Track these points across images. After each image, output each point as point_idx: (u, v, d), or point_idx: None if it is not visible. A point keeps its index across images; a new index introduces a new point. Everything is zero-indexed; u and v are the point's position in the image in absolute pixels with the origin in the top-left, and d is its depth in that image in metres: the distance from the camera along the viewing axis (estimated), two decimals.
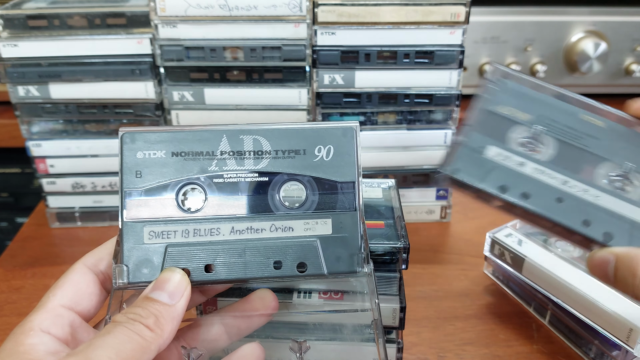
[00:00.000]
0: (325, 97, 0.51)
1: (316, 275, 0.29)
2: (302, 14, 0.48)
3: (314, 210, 0.30)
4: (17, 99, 0.52)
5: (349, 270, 0.29)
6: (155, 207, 0.29)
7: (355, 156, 0.31)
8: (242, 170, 0.30)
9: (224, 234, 0.29)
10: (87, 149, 0.54)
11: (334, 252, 0.30)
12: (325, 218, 0.30)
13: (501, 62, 0.74)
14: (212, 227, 0.29)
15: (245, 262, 0.29)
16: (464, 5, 0.48)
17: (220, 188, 0.30)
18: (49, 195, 0.56)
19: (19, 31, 0.50)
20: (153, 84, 0.51)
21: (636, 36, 0.72)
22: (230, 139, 0.30)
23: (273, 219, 0.30)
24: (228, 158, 0.30)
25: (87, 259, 0.31)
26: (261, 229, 0.30)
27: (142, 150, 0.30)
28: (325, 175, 0.30)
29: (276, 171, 0.30)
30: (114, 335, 0.25)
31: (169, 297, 0.27)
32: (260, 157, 0.30)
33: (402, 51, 0.50)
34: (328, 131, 0.31)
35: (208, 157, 0.30)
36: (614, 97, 0.81)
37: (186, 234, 0.29)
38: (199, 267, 0.29)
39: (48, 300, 0.28)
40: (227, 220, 0.30)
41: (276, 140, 0.30)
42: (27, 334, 0.26)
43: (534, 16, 0.72)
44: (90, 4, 0.51)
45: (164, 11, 0.48)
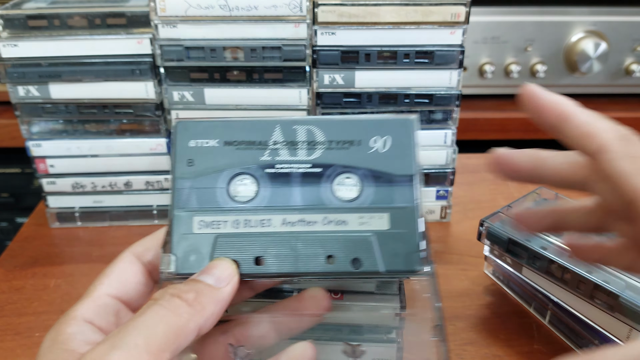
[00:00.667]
0: (325, 97, 0.51)
1: (372, 273, 0.28)
2: (302, 14, 0.48)
3: (370, 204, 0.28)
4: (17, 99, 0.52)
5: (408, 269, 0.27)
6: (205, 196, 0.29)
7: (413, 149, 0.29)
8: (294, 160, 0.29)
9: (275, 225, 0.28)
10: (87, 149, 0.54)
11: (391, 248, 0.27)
12: (381, 212, 0.28)
13: (501, 62, 0.74)
14: (263, 218, 0.28)
15: (297, 255, 0.28)
16: (464, 6, 0.48)
17: (272, 178, 0.29)
18: (49, 195, 0.56)
19: (19, 31, 0.50)
20: (153, 84, 0.51)
21: (636, 36, 0.72)
22: (284, 129, 0.29)
23: (326, 211, 0.28)
24: (281, 148, 0.29)
25: (135, 248, 0.30)
26: (313, 222, 0.28)
27: (194, 138, 0.29)
28: (381, 168, 0.29)
29: (330, 162, 0.29)
30: (145, 318, 0.24)
31: (215, 281, 0.26)
32: (313, 148, 0.29)
33: (402, 51, 0.50)
34: (385, 122, 0.29)
35: (261, 147, 0.29)
36: (614, 97, 0.81)
37: (236, 225, 0.28)
38: (248, 259, 0.28)
39: (94, 289, 0.27)
40: (278, 212, 0.28)
41: (330, 130, 0.29)
42: (68, 322, 0.26)
43: (534, 16, 0.72)
44: (91, 4, 0.51)
45: (164, 11, 0.48)
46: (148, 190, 0.57)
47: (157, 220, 0.58)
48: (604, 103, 0.80)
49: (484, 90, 0.77)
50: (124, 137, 0.54)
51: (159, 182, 0.56)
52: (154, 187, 0.56)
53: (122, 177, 0.56)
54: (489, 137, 0.78)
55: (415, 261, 0.27)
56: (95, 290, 0.27)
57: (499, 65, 0.74)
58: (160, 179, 0.56)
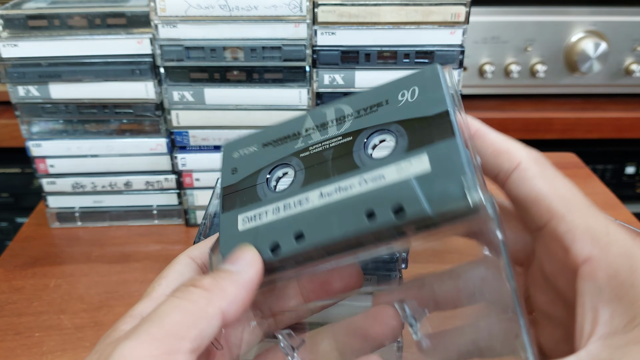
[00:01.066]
0: (325, 97, 0.51)
1: (420, 219, 0.24)
2: (302, 14, 0.48)
3: (405, 150, 0.26)
4: (17, 99, 0.52)
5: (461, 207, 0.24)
6: (248, 195, 0.29)
7: (443, 88, 0.27)
8: (326, 138, 0.28)
9: (312, 201, 0.27)
10: (87, 149, 0.54)
11: (436, 187, 0.24)
12: (419, 155, 0.25)
13: (501, 63, 0.74)
14: (300, 198, 0.27)
15: (336, 221, 0.26)
16: (464, 6, 0.48)
17: (306, 160, 0.28)
18: (49, 195, 0.56)
19: (19, 31, 0.50)
20: (153, 84, 0.51)
21: (636, 36, 0.73)
22: (314, 116, 0.29)
23: (361, 172, 0.26)
24: (313, 132, 0.29)
25: (192, 251, 0.29)
26: (349, 186, 0.26)
27: (237, 150, 0.30)
28: (412, 115, 0.27)
29: (360, 128, 0.28)
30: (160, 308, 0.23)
31: (234, 266, 0.26)
32: (342, 122, 0.28)
33: (402, 51, 0.50)
34: (409, 77, 0.28)
35: (295, 138, 0.29)
36: (614, 97, 0.81)
37: (276, 212, 0.28)
38: (289, 238, 0.26)
39: (153, 290, 0.27)
40: (314, 187, 0.27)
41: (357, 102, 0.28)
42: (125, 320, 0.25)
43: (534, 16, 0.72)
44: (91, 4, 0.51)
45: (164, 11, 0.48)
46: (148, 190, 0.57)
47: (157, 220, 0.58)
48: (604, 103, 0.80)
49: (484, 90, 0.77)
50: (124, 137, 0.54)
51: (159, 182, 0.56)
52: (154, 187, 0.56)
53: (122, 177, 0.56)
54: None
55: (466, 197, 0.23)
56: (154, 291, 0.27)
57: (499, 65, 0.74)
58: (160, 179, 0.56)
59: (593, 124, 0.77)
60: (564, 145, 0.77)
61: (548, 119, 0.76)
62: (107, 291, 0.49)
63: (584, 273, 0.22)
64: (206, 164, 0.55)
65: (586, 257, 0.22)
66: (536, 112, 0.77)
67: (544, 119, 0.77)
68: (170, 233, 0.57)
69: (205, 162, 0.54)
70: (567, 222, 0.23)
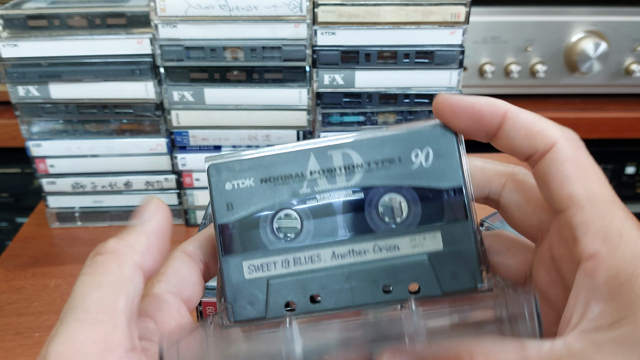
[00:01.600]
0: (325, 97, 0.51)
1: (431, 297, 0.26)
2: (302, 14, 0.48)
3: (419, 223, 0.27)
4: (17, 99, 0.52)
5: (469, 287, 0.26)
6: (251, 239, 0.28)
7: (458, 157, 0.27)
8: (334, 188, 0.27)
9: (325, 260, 0.27)
10: (87, 149, 0.54)
11: (448, 268, 0.26)
12: (433, 231, 0.27)
13: (501, 63, 0.74)
14: (311, 254, 0.27)
15: (352, 288, 0.27)
16: (464, 6, 0.48)
17: (315, 211, 0.27)
18: (49, 195, 0.56)
19: (19, 31, 0.50)
20: (153, 84, 0.51)
21: (636, 36, 0.72)
22: (318, 156, 0.28)
23: (375, 238, 0.27)
24: (319, 177, 0.28)
25: (186, 247, 0.29)
26: (364, 251, 0.27)
27: (230, 180, 0.28)
28: (427, 183, 0.27)
29: (371, 184, 0.27)
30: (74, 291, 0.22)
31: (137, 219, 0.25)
32: (352, 172, 0.28)
33: (402, 51, 0.50)
34: (423, 132, 0.27)
35: (298, 179, 0.28)
36: (614, 97, 0.81)
37: (286, 264, 0.27)
38: (304, 298, 0.27)
39: (152, 287, 0.26)
40: (326, 245, 0.27)
41: (366, 150, 0.27)
42: None
43: (534, 16, 0.72)
44: (91, 4, 0.51)
45: (164, 11, 0.48)
46: (148, 190, 0.57)
47: None
48: (604, 103, 0.80)
49: (484, 91, 0.76)
50: (124, 137, 0.54)
51: (159, 182, 0.56)
52: (153, 187, 0.56)
53: (122, 177, 0.56)
54: None
55: (476, 278, 0.26)
56: (154, 287, 0.26)
57: (499, 65, 0.74)
58: (160, 179, 0.56)
59: (593, 124, 0.77)
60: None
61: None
62: None
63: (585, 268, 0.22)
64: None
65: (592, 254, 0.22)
66: (536, 112, 0.77)
67: None
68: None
69: None
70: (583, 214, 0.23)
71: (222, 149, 0.55)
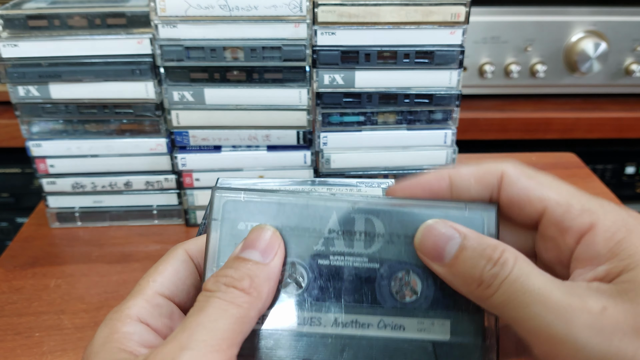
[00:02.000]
0: (325, 97, 0.51)
1: None
2: (302, 14, 0.48)
3: (429, 307, 0.26)
4: (17, 99, 0.52)
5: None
6: None
7: None
8: (350, 252, 0.26)
9: (325, 325, 0.25)
10: (87, 149, 0.54)
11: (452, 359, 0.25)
12: (443, 319, 0.25)
13: (501, 62, 0.74)
14: (312, 316, 0.26)
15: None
16: (464, 6, 0.48)
17: (324, 270, 0.26)
18: (49, 195, 0.56)
19: (19, 31, 0.50)
20: (153, 84, 0.51)
21: (636, 36, 0.73)
22: (341, 216, 0.26)
23: (382, 313, 0.26)
24: (336, 238, 0.26)
25: (189, 245, 0.28)
26: (367, 324, 0.25)
27: (244, 221, 0.26)
28: None
29: (388, 258, 0.26)
30: (208, 313, 0.23)
31: (261, 255, 0.25)
32: (372, 240, 0.26)
33: (402, 51, 0.50)
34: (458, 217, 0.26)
35: (315, 235, 0.26)
36: (614, 97, 0.81)
37: (282, 320, 0.26)
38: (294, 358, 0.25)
39: (147, 286, 0.26)
40: (330, 310, 0.26)
41: (393, 222, 0.26)
42: (123, 321, 0.25)
43: (534, 16, 0.72)
44: (91, 4, 0.51)
45: (164, 11, 0.48)
46: (148, 190, 0.57)
47: (157, 220, 0.58)
48: (603, 103, 0.80)
49: (483, 90, 0.77)
50: (124, 137, 0.54)
51: (159, 182, 0.56)
52: (153, 187, 0.56)
53: (122, 177, 0.56)
54: (489, 137, 0.78)
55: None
56: (148, 287, 0.26)
57: (499, 65, 0.74)
58: (160, 179, 0.56)
59: (593, 124, 0.77)
60: (563, 145, 0.77)
61: (548, 119, 0.76)
62: (107, 291, 0.49)
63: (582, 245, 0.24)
64: (206, 164, 0.55)
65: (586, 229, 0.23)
66: (536, 112, 0.77)
67: (543, 119, 0.77)
68: (170, 233, 0.57)
69: (205, 162, 0.54)
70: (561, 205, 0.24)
71: (222, 149, 0.55)
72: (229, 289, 0.24)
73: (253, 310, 0.24)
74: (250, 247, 0.25)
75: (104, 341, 0.24)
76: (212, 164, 0.55)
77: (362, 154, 0.54)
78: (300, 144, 0.54)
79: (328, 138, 0.53)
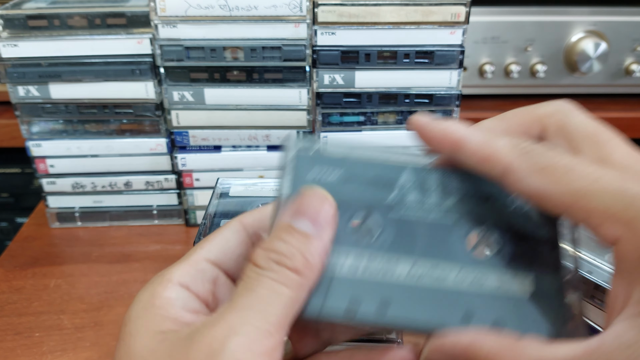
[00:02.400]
0: (325, 97, 0.51)
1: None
2: (302, 14, 0.48)
3: (507, 263, 0.25)
4: (17, 99, 0.52)
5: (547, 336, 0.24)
6: None
7: None
8: (424, 206, 0.26)
9: (401, 272, 0.25)
10: (87, 149, 0.54)
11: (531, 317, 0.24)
12: (523, 275, 0.25)
13: (501, 63, 0.74)
14: (387, 261, 0.25)
15: (425, 309, 0.24)
16: (464, 6, 0.48)
17: (397, 222, 0.25)
18: (49, 195, 0.56)
19: (19, 31, 0.50)
20: (153, 84, 0.51)
21: (636, 36, 0.72)
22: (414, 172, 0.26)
23: (459, 266, 0.25)
24: (410, 191, 0.26)
25: (246, 218, 0.27)
26: (444, 277, 0.25)
27: (314, 172, 0.26)
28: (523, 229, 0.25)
29: (465, 212, 0.26)
30: (258, 295, 0.21)
31: (313, 226, 0.23)
32: (447, 195, 0.26)
33: (402, 51, 0.50)
34: None
35: (387, 187, 0.26)
36: (614, 97, 0.81)
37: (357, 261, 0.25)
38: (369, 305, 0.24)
39: (193, 252, 0.25)
40: (405, 257, 0.25)
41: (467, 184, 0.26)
42: (164, 285, 0.23)
43: (534, 16, 0.72)
44: (91, 4, 0.51)
45: (164, 11, 0.48)
46: (148, 190, 0.57)
47: (157, 220, 0.58)
48: (603, 103, 0.80)
49: (483, 91, 0.77)
50: (124, 137, 0.54)
51: (159, 182, 0.56)
52: (154, 187, 0.56)
53: (122, 177, 0.56)
54: None
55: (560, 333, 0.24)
56: (195, 253, 0.25)
57: (499, 65, 0.74)
58: (160, 179, 0.56)
59: None
60: None
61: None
62: (107, 291, 0.49)
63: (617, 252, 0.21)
64: (206, 164, 0.55)
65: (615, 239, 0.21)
66: None
67: None
68: (170, 233, 0.57)
69: (205, 162, 0.54)
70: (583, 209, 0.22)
71: (222, 149, 0.55)
72: (280, 268, 0.22)
73: (304, 290, 0.22)
74: (301, 214, 0.23)
75: (144, 305, 0.23)
76: (212, 164, 0.55)
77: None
78: None
79: (328, 138, 0.53)
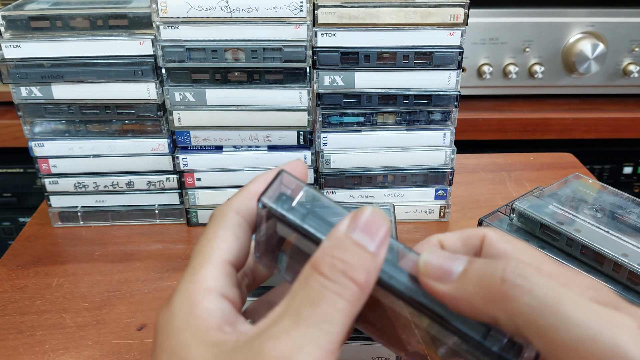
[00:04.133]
0: (325, 98, 0.52)
1: None
2: (303, 16, 0.49)
3: None
4: (20, 99, 0.52)
5: None
6: None
7: None
8: None
9: None
10: (90, 149, 0.54)
11: None
12: None
13: (500, 63, 0.74)
14: None
15: None
16: (462, 7, 0.49)
17: None
18: (52, 195, 0.57)
19: (21, 32, 0.50)
20: (155, 84, 0.51)
21: (634, 37, 0.73)
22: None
23: None
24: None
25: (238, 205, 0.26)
26: None
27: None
28: None
29: None
30: (323, 311, 0.21)
31: (375, 247, 0.23)
32: None
33: (402, 52, 0.50)
34: None
35: None
36: (612, 98, 0.82)
37: None
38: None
39: (213, 254, 0.24)
40: None
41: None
42: (202, 294, 0.23)
43: (532, 17, 0.72)
44: (93, 5, 0.51)
45: (165, 13, 0.48)
46: (150, 190, 0.57)
47: (159, 220, 0.58)
48: (601, 103, 0.80)
49: (482, 91, 0.77)
50: (126, 137, 0.54)
51: (161, 182, 0.56)
52: (155, 187, 0.57)
53: (124, 177, 0.56)
54: (487, 138, 0.79)
55: None
56: (215, 255, 0.24)
57: (498, 66, 0.74)
58: (162, 179, 0.56)
59: (591, 124, 0.78)
60: (561, 146, 0.78)
61: (546, 119, 0.77)
62: (109, 290, 0.49)
63: None
64: (207, 164, 0.55)
65: None
66: (534, 112, 0.78)
67: (542, 119, 0.77)
68: (171, 232, 0.57)
69: (207, 162, 0.55)
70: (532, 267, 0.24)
71: (223, 150, 0.55)
72: (346, 281, 0.22)
73: (359, 306, 0.22)
74: (367, 232, 0.23)
75: (187, 317, 0.23)
76: (213, 164, 0.55)
77: (362, 155, 0.55)
78: (301, 144, 0.55)
79: (328, 138, 0.54)
